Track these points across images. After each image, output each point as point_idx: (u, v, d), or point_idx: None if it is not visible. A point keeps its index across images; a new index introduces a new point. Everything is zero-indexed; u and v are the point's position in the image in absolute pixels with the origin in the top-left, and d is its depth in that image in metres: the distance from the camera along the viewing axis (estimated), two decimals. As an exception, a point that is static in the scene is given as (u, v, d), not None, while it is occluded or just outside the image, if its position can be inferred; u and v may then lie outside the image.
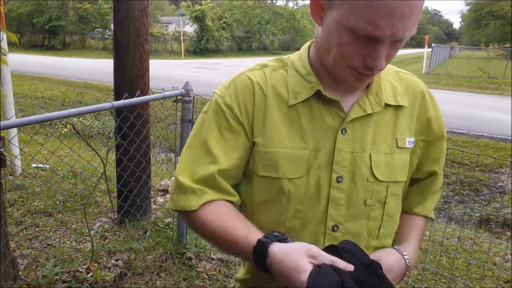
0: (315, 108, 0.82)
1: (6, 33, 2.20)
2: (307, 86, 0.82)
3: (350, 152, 0.81)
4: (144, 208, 3.06)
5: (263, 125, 0.82)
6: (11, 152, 3.52)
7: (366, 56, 0.72)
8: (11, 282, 2.16)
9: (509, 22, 30.83)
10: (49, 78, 13.23)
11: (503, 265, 2.78)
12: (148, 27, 2.91)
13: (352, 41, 0.71)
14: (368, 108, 0.82)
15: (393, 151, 0.84)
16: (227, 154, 0.82)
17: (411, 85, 0.89)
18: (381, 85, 0.84)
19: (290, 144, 0.81)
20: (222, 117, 0.84)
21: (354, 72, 0.76)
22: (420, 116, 0.88)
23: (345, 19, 0.69)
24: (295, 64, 0.86)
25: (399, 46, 0.73)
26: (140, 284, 2.39)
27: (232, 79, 0.87)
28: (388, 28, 0.67)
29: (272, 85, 0.84)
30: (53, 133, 5.56)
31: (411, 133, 0.87)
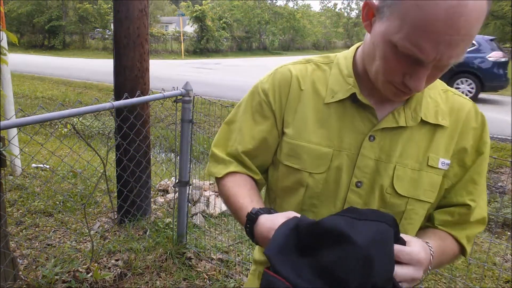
0: (349, 110, 0.82)
1: (6, 33, 2.20)
2: (345, 87, 0.83)
3: (374, 160, 0.81)
4: (144, 208, 3.06)
5: (294, 117, 0.85)
6: (11, 152, 3.52)
7: (406, 74, 0.71)
8: (11, 282, 2.16)
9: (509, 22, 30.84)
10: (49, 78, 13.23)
11: (503, 265, 2.79)
12: (148, 27, 2.91)
13: (395, 58, 0.70)
14: (402, 121, 0.80)
15: (422, 169, 0.81)
16: (254, 137, 0.90)
17: (456, 106, 0.85)
18: (422, 101, 0.82)
19: (316, 140, 0.83)
20: (257, 101, 0.90)
21: (392, 87, 0.75)
22: (459, 141, 0.84)
23: (391, 34, 0.68)
24: (339, 63, 0.86)
25: (444, 69, 0.71)
26: (140, 284, 2.39)
27: (275, 69, 0.91)
28: (433, 53, 0.65)
29: (312, 80, 0.86)
30: (53, 133, 5.56)
31: (447, 154, 0.83)
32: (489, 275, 2.66)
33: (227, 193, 0.90)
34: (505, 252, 2.95)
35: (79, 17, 30.88)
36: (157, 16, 42.16)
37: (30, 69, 14.98)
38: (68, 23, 30.52)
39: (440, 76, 0.73)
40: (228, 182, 0.91)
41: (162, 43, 30.54)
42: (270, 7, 40.21)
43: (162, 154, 6.23)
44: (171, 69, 17.62)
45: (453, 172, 0.85)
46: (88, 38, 32.36)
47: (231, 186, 0.90)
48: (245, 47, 37.93)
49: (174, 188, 2.84)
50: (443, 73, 0.73)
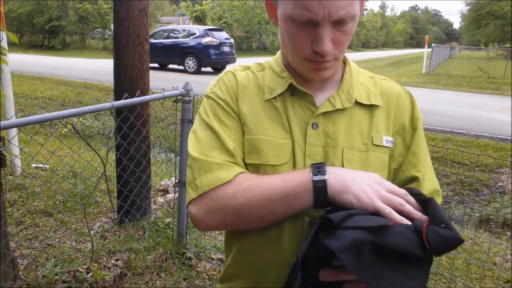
0: (289, 102, 0.86)
1: (6, 33, 2.20)
2: (281, 81, 0.87)
3: (322, 147, 0.83)
4: (144, 208, 3.06)
5: (248, 116, 0.86)
6: (11, 152, 3.52)
7: (313, 42, 0.75)
8: (11, 282, 2.16)
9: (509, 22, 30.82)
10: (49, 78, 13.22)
11: (503, 265, 2.78)
12: (148, 27, 2.91)
13: (297, 30, 0.75)
14: (338, 104, 0.85)
15: (369, 149, 0.85)
16: (232, 139, 0.84)
17: (386, 89, 0.91)
18: (353, 85, 0.88)
19: (273, 133, 0.84)
20: (218, 108, 0.87)
21: (308, 62, 0.79)
22: (396, 119, 0.89)
23: (286, 10, 0.75)
24: (271, 65, 0.92)
25: (345, 29, 0.75)
26: (140, 284, 2.39)
27: (219, 77, 0.92)
28: (320, 8, 0.70)
29: (253, 83, 0.90)
30: (53, 133, 5.56)
31: (388, 132, 0.88)
32: (489, 275, 2.66)
33: (253, 184, 0.76)
34: (505, 252, 2.95)
35: (79, 17, 30.86)
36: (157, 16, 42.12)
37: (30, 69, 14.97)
38: (68, 23, 30.50)
39: (346, 41, 0.77)
40: (244, 177, 0.78)
41: (162, 43, 30.49)
42: (270, 7, 40.14)
43: (162, 154, 6.23)
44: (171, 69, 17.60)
45: (398, 152, 0.89)
46: (88, 38, 32.35)
47: (254, 177, 0.78)
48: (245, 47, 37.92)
49: (174, 188, 2.84)
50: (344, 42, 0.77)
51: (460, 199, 5.23)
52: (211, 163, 0.79)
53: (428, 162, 0.90)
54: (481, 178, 5.68)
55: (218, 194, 0.76)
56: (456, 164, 6.01)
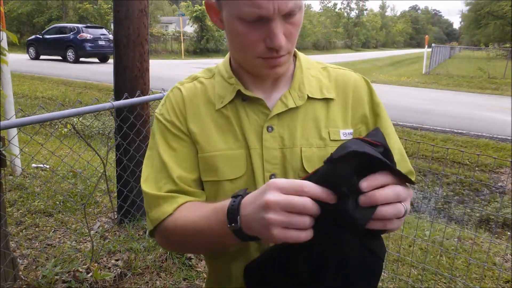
0: (241, 109, 0.84)
1: (6, 33, 2.20)
2: (230, 88, 0.85)
3: (280, 149, 0.82)
4: (144, 208, 3.05)
5: (198, 132, 0.84)
6: (11, 152, 3.52)
7: (265, 38, 0.73)
8: (11, 282, 2.16)
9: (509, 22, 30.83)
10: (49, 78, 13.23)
11: (503, 265, 2.78)
12: (148, 27, 2.91)
13: (247, 29, 0.73)
14: (291, 103, 0.83)
15: (327, 144, 0.84)
16: (180, 164, 0.83)
17: (340, 79, 0.89)
18: (304, 80, 0.86)
19: (226, 146, 0.82)
20: (166, 131, 0.85)
21: (262, 60, 0.77)
22: (355, 109, 0.87)
23: (233, 11, 0.73)
24: (220, 70, 0.89)
25: (294, 21, 0.74)
26: (140, 284, 2.39)
27: (166, 96, 0.90)
28: (269, 3, 0.69)
29: (201, 95, 0.87)
30: (53, 133, 5.56)
31: (346, 125, 0.86)
32: (489, 275, 2.66)
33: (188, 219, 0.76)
34: (505, 252, 2.95)
35: (79, 17, 30.86)
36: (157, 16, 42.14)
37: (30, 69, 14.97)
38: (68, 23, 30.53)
39: (296, 33, 0.76)
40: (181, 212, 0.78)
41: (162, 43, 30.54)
42: (270, 7, 40.15)
43: (162, 154, 6.22)
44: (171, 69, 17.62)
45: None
46: (88, 38, 32.36)
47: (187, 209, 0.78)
48: (245, 47, 37.90)
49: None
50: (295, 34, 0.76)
51: (460, 199, 5.23)
52: (158, 197, 0.81)
53: (397, 147, 0.88)
54: (481, 178, 5.68)
55: (163, 227, 0.80)
56: (456, 164, 6.01)
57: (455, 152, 6.04)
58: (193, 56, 29.52)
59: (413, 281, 2.54)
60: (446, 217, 4.63)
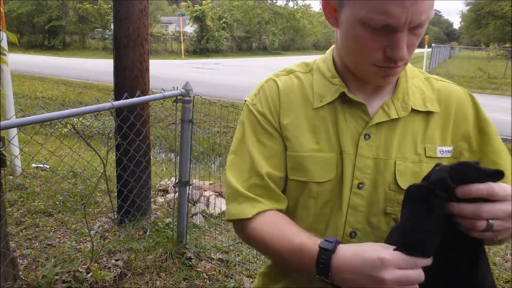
0: (340, 111, 0.81)
1: (6, 33, 2.20)
2: (332, 88, 0.81)
3: (373, 159, 0.79)
4: (144, 208, 3.06)
5: (290, 129, 0.82)
6: (11, 152, 3.52)
7: (386, 47, 0.69)
8: (11, 282, 2.16)
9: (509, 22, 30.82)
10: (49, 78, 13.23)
11: (503, 265, 2.78)
12: (148, 27, 2.91)
13: (369, 35, 0.69)
14: (393, 113, 0.79)
15: (422, 160, 0.80)
16: (268, 160, 0.82)
17: (444, 91, 0.84)
18: (408, 90, 0.82)
19: (318, 147, 0.80)
20: (257, 124, 0.84)
21: (376, 68, 0.73)
22: (457, 125, 0.82)
23: (358, 14, 0.68)
24: (320, 67, 0.85)
25: (419, 32, 0.69)
26: (140, 284, 2.39)
27: (260, 86, 0.88)
28: (403, 14, 0.64)
29: (297, 90, 0.84)
30: (53, 133, 5.56)
31: (444, 142, 0.81)
32: (489, 275, 2.66)
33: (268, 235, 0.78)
34: (505, 252, 2.95)
35: (79, 17, 30.87)
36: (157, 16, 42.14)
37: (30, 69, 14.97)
38: (68, 23, 30.52)
39: (417, 43, 0.72)
40: (262, 223, 0.79)
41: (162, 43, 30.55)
42: (270, 7, 40.22)
43: (162, 154, 6.23)
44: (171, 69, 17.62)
45: (464, 159, 0.82)
46: (88, 38, 32.37)
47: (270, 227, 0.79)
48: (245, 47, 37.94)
49: (174, 188, 2.83)
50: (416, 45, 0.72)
51: (460, 199, 5.22)
52: (240, 193, 0.82)
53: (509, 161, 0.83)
54: (481, 178, 5.68)
55: (240, 226, 0.83)
56: (456, 164, 6.01)
57: (455, 152, 6.03)
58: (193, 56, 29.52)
59: (413, 281, 2.54)
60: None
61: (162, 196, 3.62)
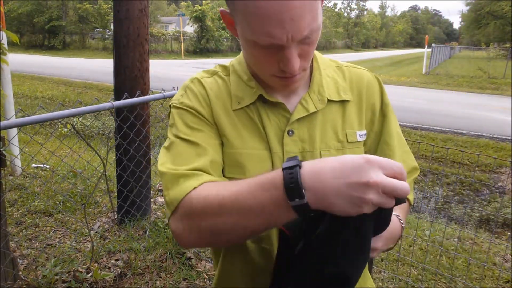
0: (263, 111, 0.82)
1: (6, 33, 2.20)
2: (250, 91, 0.83)
3: (300, 153, 0.81)
4: (144, 208, 3.06)
5: (224, 127, 0.81)
6: (11, 152, 3.52)
7: (280, 62, 0.72)
8: (11, 282, 2.16)
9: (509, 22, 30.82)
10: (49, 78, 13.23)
11: (503, 265, 2.78)
12: (148, 27, 2.91)
13: (261, 53, 0.71)
14: (311, 107, 0.82)
15: (345, 147, 0.83)
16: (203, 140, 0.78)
17: (354, 78, 0.88)
18: (323, 82, 0.85)
19: (253, 145, 0.81)
20: (187, 115, 0.80)
21: (276, 78, 0.76)
22: (368, 107, 0.87)
23: (246, 34, 0.70)
24: (236, 69, 0.86)
25: (310, 41, 0.71)
26: (140, 284, 2.39)
27: (186, 86, 0.86)
28: (283, 34, 0.66)
29: (224, 90, 0.84)
30: (53, 133, 5.56)
31: (361, 125, 0.86)
32: (489, 275, 2.66)
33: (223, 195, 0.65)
34: (505, 252, 2.95)
35: (79, 17, 30.89)
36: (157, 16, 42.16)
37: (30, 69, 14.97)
38: (68, 23, 30.54)
39: (312, 50, 0.73)
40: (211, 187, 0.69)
41: (162, 43, 30.55)
42: (270, 7, 40.17)
43: (162, 154, 6.22)
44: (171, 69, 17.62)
45: (369, 140, 0.87)
46: (88, 38, 32.38)
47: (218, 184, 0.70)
48: (245, 47, 37.92)
49: (174, 188, 2.83)
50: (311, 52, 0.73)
51: (460, 199, 5.23)
52: (178, 175, 0.72)
53: (401, 146, 0.89)
54: (481, 178, 5.68)
55: (187, 207, 0.69)
56: (456, 164, 6.01)
57: (455, 152, 6.04)
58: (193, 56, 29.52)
59: (413, 281, 2.54)
60: (446, 217, 4.62)
61: (162, 196, 3.63)
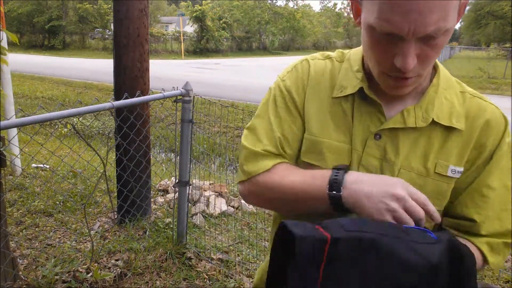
0: (357, 107, 0.80)
1: (6, 33, 2.20)
2: (354, 82, 0.81)
3: (379, 159, 0.78)
4: (144, 208, 3.06)
5: (313, 113, 0.83)
6: (11, 152, 3.52)
7: (395, 56, 0.67)
8: (11, 282, 2.16)
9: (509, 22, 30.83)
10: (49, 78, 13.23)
11: (503, 265, 2.79)
12: (148, 27, 2.91)
13: (378, 41, 0.68)
14: (411, 121, 0.76)
15: (429, 175, 0.77)
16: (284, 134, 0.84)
17: (475, 109, 0.79)
18: (435, 101, 0.77)
19: (337, 136, 0.81)
20: (280, 98, 0.86)
21: (387, 77, 0.72)
22: (477, 144, 0.78)
23: (368, 18, 0.67)
24: (350, 58, 0.85)
25: (434, 44, 0.66)
26: (140, 284, 2.39)
27: (294, 65, 0.89)
28: (405, 24, 0.62)
29: (328, 75, 0.85)
30: (53, 133, 5.56)
31: (460, 162, 0.77)
32: (489, 275, 2.66)
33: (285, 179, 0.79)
34: (505, 252, 2.95)
35: (79, 17, 30.88)
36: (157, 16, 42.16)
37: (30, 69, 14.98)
38: (68, 23, 30.54)
39: (435, 55, 0.69)
40: (279, 168, 0.82)
41: (162, 43, 30.55)
42: (270, 7, 40.21)
43: (162, 154, 6.24)
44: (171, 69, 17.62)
45: (461, 179, 0.79)
46: (88, 38, 32.37)
47: (286, 170, 0.81)
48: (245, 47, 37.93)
49: (174, 188, 2.84)
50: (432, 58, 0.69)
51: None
52: (257, 153, 0.83)
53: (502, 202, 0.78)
54: (481, 178, 5.68)
55: (257, 181, 0.82)
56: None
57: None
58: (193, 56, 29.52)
59: (413, 281, 2.54)
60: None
61: (162, 196, 3.62)
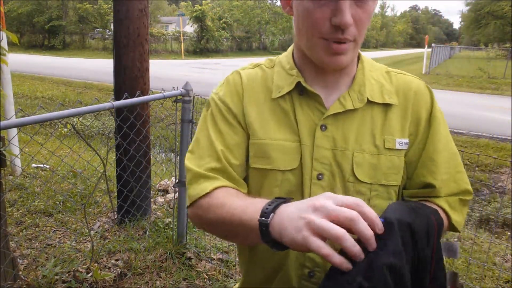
0: (297, 102, 0.83)
1: (6, 33, 2.20)
2: (289, 79, 0.84)
3: (331, 150, 0.80)
4: (144, 208, 3.06)
5: (253, 118, 0.84)
6: (11, 152, 3.52)
7: (332, 17, 0.71)
8: (11, 282, 2.16)
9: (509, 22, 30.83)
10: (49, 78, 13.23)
11: (503, 265, 2.78)
12: (148, 27, 2.91)
13: (314, 6, 0.72)
14: (349, 104, 0.81)
15: (381, 152, 0.81)
16: (228, 146, 0.83)
17: (402, 84, 0.86)
18: (365, 83, 0.83)
19: (282, 136, 0.82)
20: (218, 112, 0.86)
21: (325, 42, 0.74)
22: (413, 115, 0.84)
23: None
24: (281, 61, 0.89)
25: (365, 7, 0.72)
26: (140, 284, 2.39)
27: (226, 78, 0.91)
28: None
29: (260, 81, 0.87)
30: (53, 133, 5.56)
31: (403, 133, 0.83)
32: (489, 275, 2.66)
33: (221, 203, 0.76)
34: (505, 252, 2.95)
35: (79, 17, 30.88)
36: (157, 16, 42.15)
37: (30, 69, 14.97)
38: (68, 23, 30.53)
39: (366, 21, 0.74)
40: (219, 193, 0.78)
41: (162, 43, 30.56)
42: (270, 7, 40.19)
43: (162, 154, 6.23)
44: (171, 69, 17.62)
45: (411, 152, 0.84)
46: (88, 38, 32.38)
47: (224, 196, 0.77)
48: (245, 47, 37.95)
49: (174, 188, 2.84)
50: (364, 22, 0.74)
51: (460, 199, 5.22)
52: (199, 175, 0.81)
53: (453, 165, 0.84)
54: (481, 178, 5.68)
55: (199, 205, 0.80)
56: (456, 164, 6.00)
57: (455, 152, 6.02)
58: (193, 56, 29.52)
59: (413, 281, 2.54)
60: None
61: (162, 196, 3.62)
